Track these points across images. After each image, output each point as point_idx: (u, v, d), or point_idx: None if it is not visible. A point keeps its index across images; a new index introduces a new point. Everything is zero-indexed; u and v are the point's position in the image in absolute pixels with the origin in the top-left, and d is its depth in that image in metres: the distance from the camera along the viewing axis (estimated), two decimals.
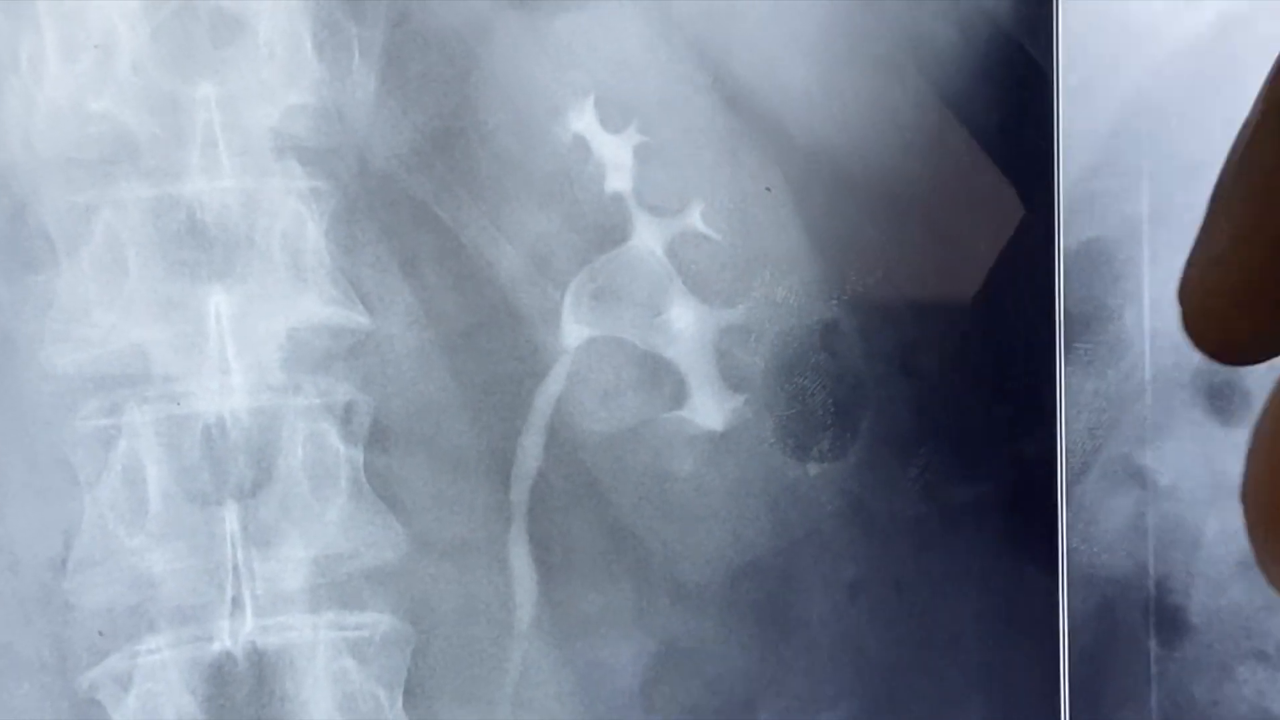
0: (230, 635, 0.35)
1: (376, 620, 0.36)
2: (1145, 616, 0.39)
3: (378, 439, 0.36)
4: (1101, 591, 0.39)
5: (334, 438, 0.35)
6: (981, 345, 0.38)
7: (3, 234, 0.34)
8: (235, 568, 0.35)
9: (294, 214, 0.35)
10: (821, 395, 0.37)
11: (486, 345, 0.36)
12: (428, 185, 0.36)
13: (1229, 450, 0.39)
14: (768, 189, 0.37)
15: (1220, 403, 0.39)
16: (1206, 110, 0.39)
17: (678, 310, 0.37)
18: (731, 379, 0.37)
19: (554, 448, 0.36)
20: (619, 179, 0.36)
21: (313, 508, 0.35)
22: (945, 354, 0.37)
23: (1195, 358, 0.39)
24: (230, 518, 0.35)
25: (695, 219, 0.37)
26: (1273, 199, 0.22)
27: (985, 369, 0.38)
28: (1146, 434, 0.39)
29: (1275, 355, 0.24)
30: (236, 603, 0.35)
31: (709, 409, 0.37)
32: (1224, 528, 0.39)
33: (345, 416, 0.35)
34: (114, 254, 0.35)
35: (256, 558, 0.35)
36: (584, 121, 0.36)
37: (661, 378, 0.37)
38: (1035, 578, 0.38)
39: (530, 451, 0.36)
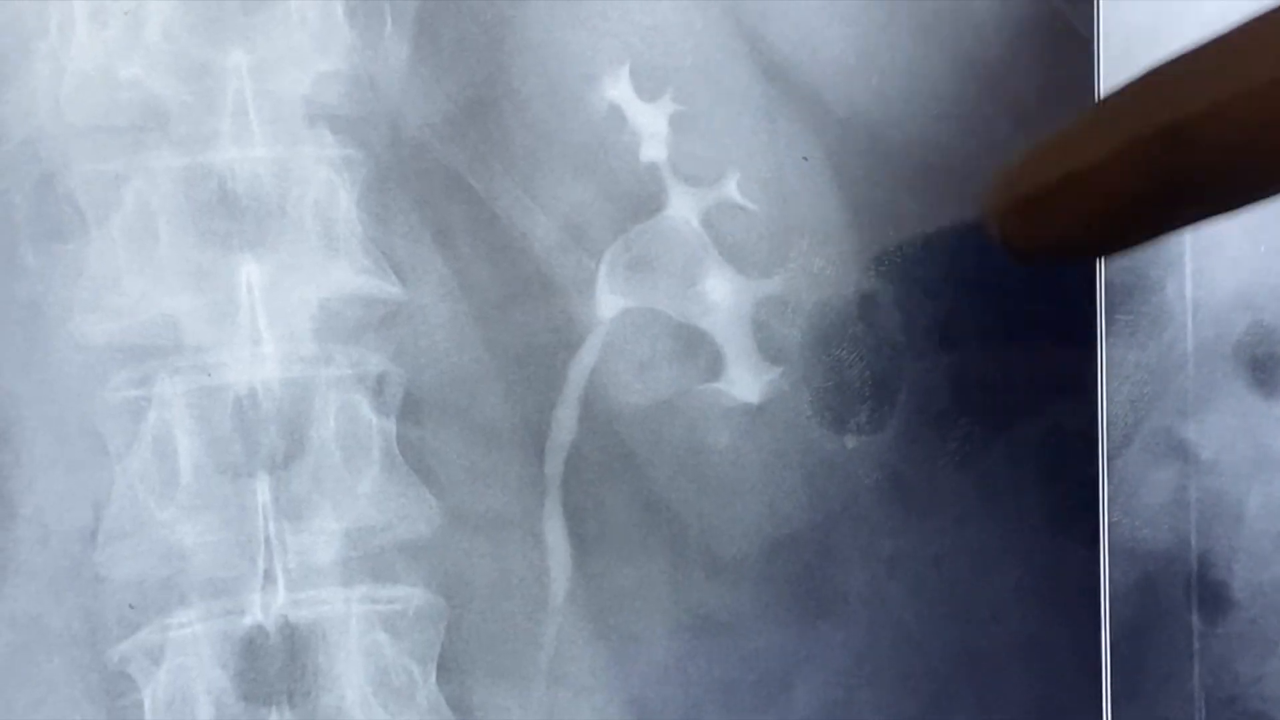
0: (262, 608, 0.35)
1: (410, 594, 0.35)
2: (1187, 592, 0.38)
3: (410, 410, 0.35)
4: (1143, 566, 0.38)
5: (366, 409, 0.35)
6: (1021, 316, 0.37)
7: (31, 203, 0.34)
8: (267, 540, 0.35)
9: (326, 183, 0.35)
10: (859, 367, 0.37)
11: (520, 316, 0.35)
12: (461, 154, 0.35)
13: (1272, 423, 0.38)
14: (805, 158, 0.36)
15: (1263, 375, 0.38)
16: None
17: (714, 281, 0.36)
18: (768, 350, 0.36)
19: (588, 420, 0.36)
20: (654, 148, 0.36)
21: (345, 480, 0.35)
22: (984, 325, 0.37)
23: (1238, 329, 0.38)
24: (262, 490, 0.35)
25: (731, 189, 0.36)
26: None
27: (1025, 340, 0.37)
28: (1189, 406, 0.38)
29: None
30: (268, 576, 0.35)
31: (745, 381, 0.36)
32: (1267, 502, 0.38)
33: (378, 388, 0.35)
34: (144, 223, 0.34)
35: (288, 530, 0.35)
36: (619, 90, 0.36)
37: (697, 349, 0.36)
38: (1076, 552, 0.37)
39: (564, 424, 0.36)
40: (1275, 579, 0.38)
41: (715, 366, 0.36)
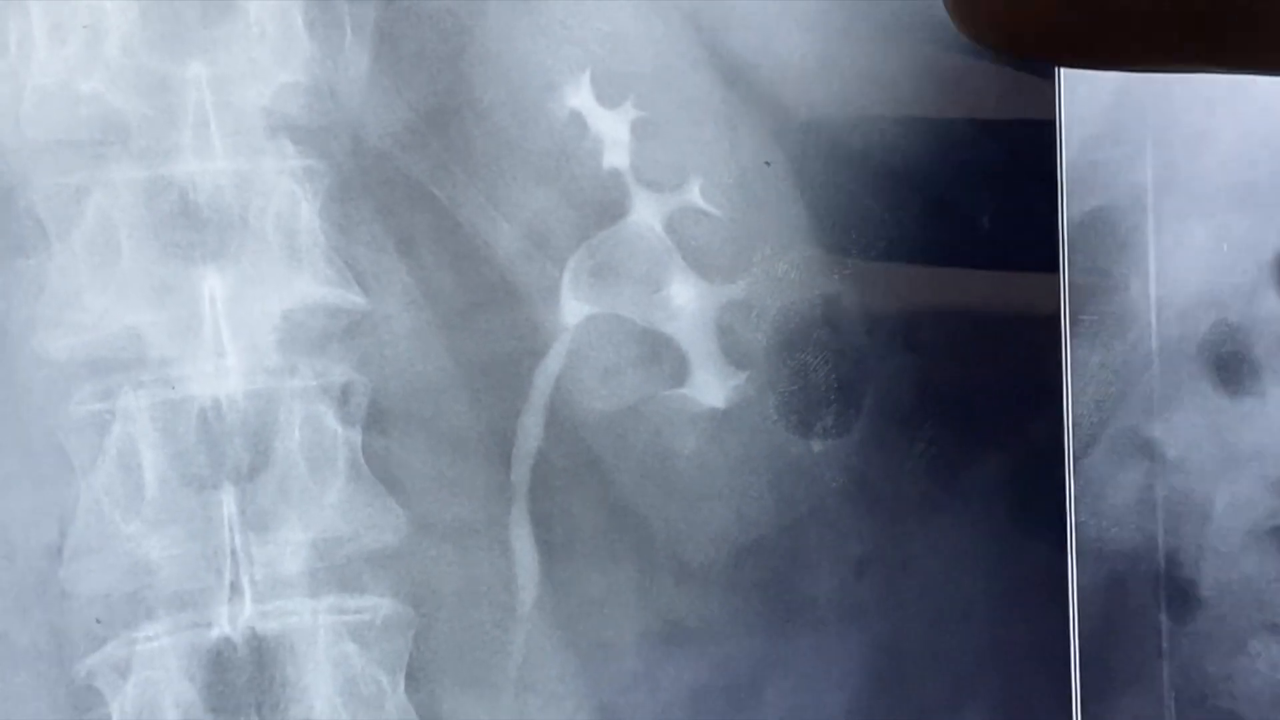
0: (229, 621, 0.35)
1: (377, 604, 0.35)
2: (1156, 591, 0.38)
3: (376, 420, 0.35)
4: (1111, 566, 0.38)
5: (331, 419, 0.35)
6: (985, 318, 0.37)
7: None
8: (233, 552, 0.35)
9: (288, 194, 0.35)
10: (824, 371, 0.37)
11: (485, 324, 0.35)
12: (423, 163, 0.35)
13: (1237, 421, 0.38)
14: (767, 163, 0.36)
15: (1228, 374, 0.38)
16: (1209, 76, 0.38)
17: (678, 286, 0.36)
18: (733, 355, 0.36)
19: (554, 427, 0.36)
20: (616, 155, 0.36)
21: (311, 491, 0.35)
22: (949, 328, 0.37)
23: (1202, 328, 0.38)
24: (228, 502, 0.35)
25: (694, 194, 0.36)
26: None
27: (990, 342, 0.37)
28: (1154, 406, 0.38)
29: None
30: (235, 588, 0.35)
31: (711, 386, 0.36)
32: (1234, 500, 0.38)
33: (342, 398, 0.35)
34: (106, 237, 0.34)
35: (255, 542, 0.35)
36: (580, 97, 0.36)
37: (662, 355, 0.36)
38: (1044, 553, 0.38)
39: (530, 431, 0.36)
40: (1243, 577, 0.38)
41: (680, 372, 0.36)
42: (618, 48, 0.36)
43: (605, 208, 0.36)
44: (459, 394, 0.35)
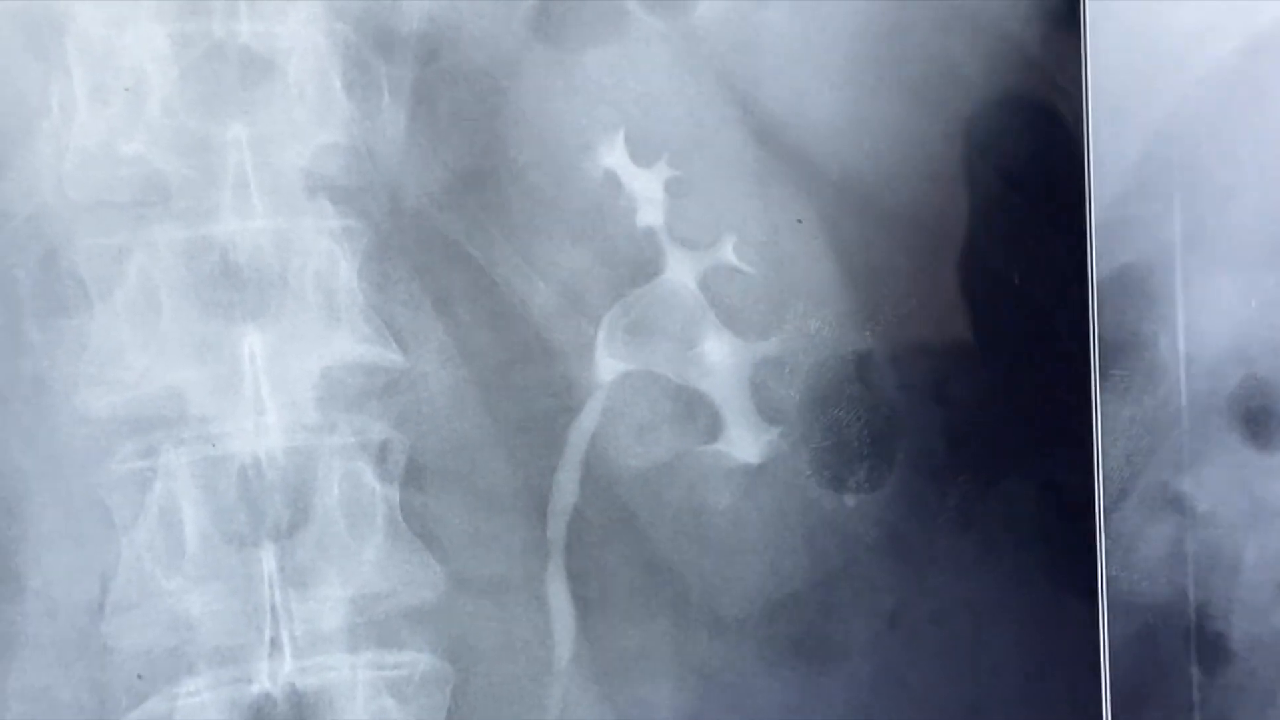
0: (269, 676, 0.35)
1: (415, 659, 0.36)
2: (1187, 643, 0.39)
3: (413, 477, 0.35)
4: (1142, 619, 0.38)
5: (370, 476, 0.35)
6: (1016, 373, 0.37)
7: (35, 278, 0.34)
8: (273, 608, 0.35)
9: (326, 253, 0.35)
10: (857, 426, 0.37)
11: (521, 381, 0.36)
12: (459, 223, 0.36)
13: (1267, 475, 0.39)
14: (799, 221, 0.37)
15: (1257, 428, 0.38)
16: (1236, 134, 0.38)
17: (712, 343, 0.37)
18: (767, 411, 0.37)
19: (590, 483, 0.36)
20: (651, 213, 0.36)
21: (350, 547, 0.35)
22: (980, 383, 0.37)
23: (1231, 383, 0.39)
24: (267, 558, 0.35)
25: (728, 252, 0.37)
26: None
27: (1020, 397, 0.37)
28: (1184, 460, 0.38)
29: None
30: (275, 644, 0.35)
31: (745, 442, 0.37)
32: (1264, 553, 0.39)
33: (381, 455, 0.35)
34: (147, 296, 0.35)
35: (294, 598, 0.35)
36: (614, 156, 0.36)
37: (696, 411, 0.37)
38: (1075, 606, 0.38)
39: (566, 487, 0.36)
40: (1274, 630, 0.39)
41: (714, 428, 0.37)
42: (651, 107, 0.36)
43: (640, 266, 0.36)
44: (495, 451, 0.36)
